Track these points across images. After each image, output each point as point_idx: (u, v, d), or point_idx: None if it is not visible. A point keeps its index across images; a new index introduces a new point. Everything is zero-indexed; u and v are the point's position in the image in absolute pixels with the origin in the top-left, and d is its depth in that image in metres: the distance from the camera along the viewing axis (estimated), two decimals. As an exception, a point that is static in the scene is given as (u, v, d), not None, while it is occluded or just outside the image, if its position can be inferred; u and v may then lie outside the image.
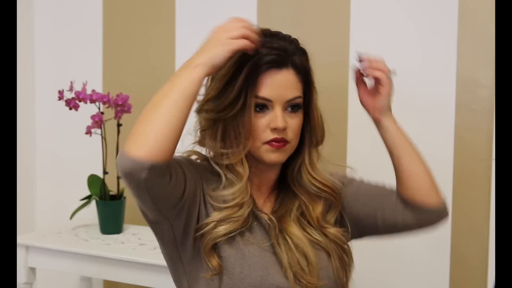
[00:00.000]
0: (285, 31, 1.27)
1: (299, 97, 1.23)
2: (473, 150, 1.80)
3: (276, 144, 1.21)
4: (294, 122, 1.23)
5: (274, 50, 1.20)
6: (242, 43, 1.13)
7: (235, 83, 1.19)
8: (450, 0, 1.80)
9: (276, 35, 1.24)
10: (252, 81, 1.19)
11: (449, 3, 1.80)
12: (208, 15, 2.12)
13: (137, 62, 2.26)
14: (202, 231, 1.20)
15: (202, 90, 1.23)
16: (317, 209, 1.29)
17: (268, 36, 1.23)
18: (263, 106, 1.21)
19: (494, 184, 1.76)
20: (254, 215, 1.25)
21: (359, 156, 1.93)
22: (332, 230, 1.28)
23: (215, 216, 1.20)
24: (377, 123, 1.30)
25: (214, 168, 1.24)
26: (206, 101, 1.23)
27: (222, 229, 1.19)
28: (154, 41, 2.23)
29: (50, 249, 1.93)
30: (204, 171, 1.25)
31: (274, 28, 1.26)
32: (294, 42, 1.25)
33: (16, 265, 1.93)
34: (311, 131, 1.28)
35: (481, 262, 1.80)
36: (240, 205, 1.21)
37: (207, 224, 1.20)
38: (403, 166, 1.29)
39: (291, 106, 1.23)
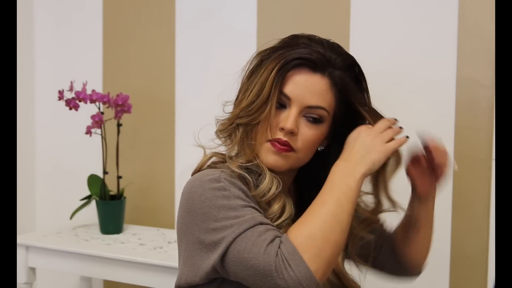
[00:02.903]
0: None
1: (322, 108, 1.12)
2: (473, 150, 1.79)
3: (278, 145, 1.11)
4: (309, 133, 1.13)
5: (315, 53, 1.12)
6: (396, 144, 1.12)
7: (266, 81, 1.11)
8: (450, 0, 1.80)
9: (332, 47, 1.15)
10: (281, 76, 1.11)
11: (449, 4, 1.80)
12: (208, 15, 2.12)
13: (137, 62, 2.26)
14: None
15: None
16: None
17: (322, 44, 1.14)
18: (282, 105, 1.13)
19: (494, 184, 1.76)
20: None
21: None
22: (350, 278, 1.21)
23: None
24: (419, 197, 1.26)
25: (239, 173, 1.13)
26: (241, 110, 1.14)
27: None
28: (154, 41, 2.22)
29: (50, 249, 1.93)
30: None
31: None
32: (349, 60, 1.16)
33: (16, 265, 1.93)
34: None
35: (481, 262, 1.80)
36: (277, 200, 1.13)
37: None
38: (417, 239, 1.28)
39: (312, 117, 1.13)
